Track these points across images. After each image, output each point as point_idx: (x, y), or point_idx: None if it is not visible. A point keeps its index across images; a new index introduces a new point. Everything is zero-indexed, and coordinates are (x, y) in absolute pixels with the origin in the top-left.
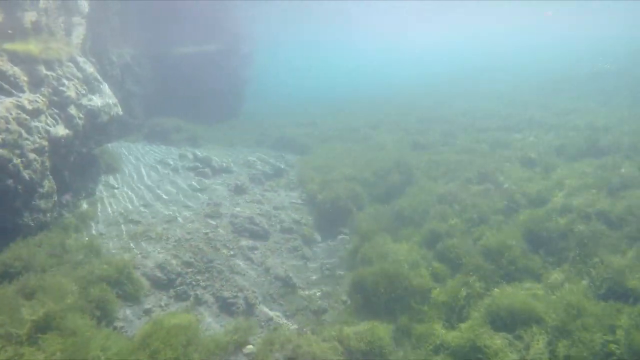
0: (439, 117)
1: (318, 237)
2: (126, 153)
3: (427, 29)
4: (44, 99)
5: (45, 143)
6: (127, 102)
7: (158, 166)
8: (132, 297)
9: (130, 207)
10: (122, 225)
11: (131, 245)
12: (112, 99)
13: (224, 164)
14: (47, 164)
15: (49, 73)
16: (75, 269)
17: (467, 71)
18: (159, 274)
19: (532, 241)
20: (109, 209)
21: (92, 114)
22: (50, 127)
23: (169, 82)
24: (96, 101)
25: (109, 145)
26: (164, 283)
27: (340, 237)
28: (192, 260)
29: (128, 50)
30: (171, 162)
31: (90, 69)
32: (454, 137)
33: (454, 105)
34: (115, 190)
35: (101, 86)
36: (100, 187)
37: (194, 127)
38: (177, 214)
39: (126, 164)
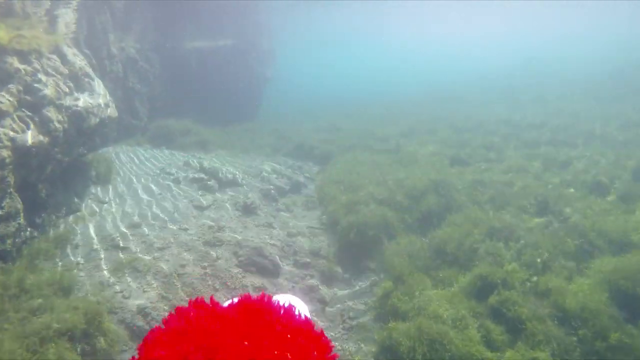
0: (478, 126)
1: (339, 273)
2: (123, 160)
3: (460, 28)
4: (11, 99)
5: (6, 154)
6: (129, 101)
7: (158, 176)
8: (103, 354)
9: (118, 227)
10: (105, 252)
11: (112, 280)
12: (104, 99)
13: (234, 176)
14: (10, 179)
15: (21, 67)
16: (28, 321)
17: (502, 73)
18: (140, 322)
19: (623, 303)
20: (92, 230)
21: (77, 117)
22: (17, 133)
23: (178, 79)
24: (84, 101)
25: (106, 150)
26: (146, 334)
27: (366, 274)
28: (184, 303)
29: (133, 43)
30: (174, 172)
31: (80, 62)
32: (499, 152)
33: (492, 112)
34: (104, 206)
35: (92, 83)
36: (87, 201)
37: (205, 130)
38: (172, 239)
39: (121, 173)
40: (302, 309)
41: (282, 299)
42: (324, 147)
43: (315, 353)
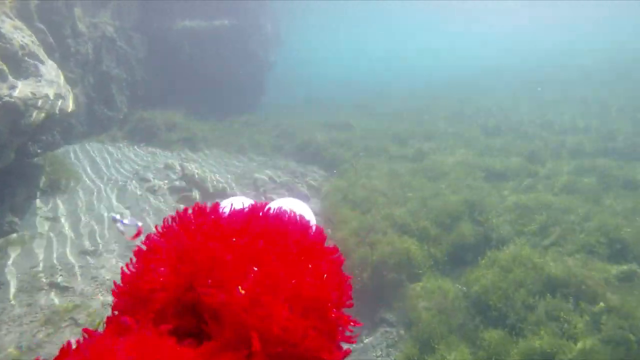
0: (511, 128)
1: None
2: (89, 161)
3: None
4: None
5: None
6: (103, 88)
7: (130, 183)
8: None
9: (64, 257)
10: (38, 294)
11: (39, 336)
12: (57, 88)
13: (222, 185)
14: None
15: None
16: None
17: (529, 66)
18: None
19: None
20: (26, 261)
21: (11, 111)
22: None
23: (167, 63)
24: (22, 90)
25: (68, 148)
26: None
27: (382, 329)
28: None
29: (109, 19)
30: (150, 178)
31: (23, 39)
32: (541, 163)
33: (522, 111)
34: (49, 225)
35: (40, 67)
36: (27, 219)
37: (195, 123)
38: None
39: (83, 179)
40: (307, 213)
41: (285, 203)
42: (332, 149)
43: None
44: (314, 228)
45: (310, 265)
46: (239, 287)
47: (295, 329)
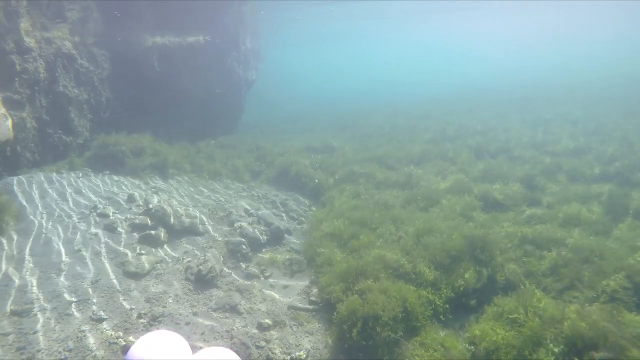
0: (501, 149)
1: None
2: (37, 194)
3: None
4: None
5: None
6: (59, 111)
7: (85, 219)
8: None
9: None
10: None
11: None
12: None
13: (192, 220)
14: None
15: None
16: None
17: (515, 81)
18: None
19: None
20: None
21: None
22: None
23: (135, 83)
24: None
25: (13, 180)
26: None
27: None
28: None
29: (67, 34)
30: (109, 213)
31: None
32: (541, 189)
33: (512, 131)
34: None
35: None
36: None
37: (167, 148)
38: (70, 344)
39: (26, 215)
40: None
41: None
42: (315, 174)
43: None
44: None
45: None
46: None
47: None
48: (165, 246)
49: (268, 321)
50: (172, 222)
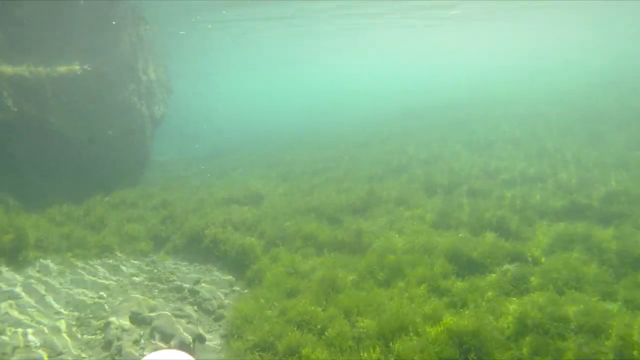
0: (455, 182)
1: None
2: None
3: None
4: None
5: None
6: None
7: None
8: None
9: None
10: None
11: None
12: None
13: (40, 343)
14: None
15: None
16: None
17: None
18: None
19: None
20: None
21: None
22: None
23: None
24: None
25: None
26: None
27: None
28: None
29: None
30: None
31: None
32: (517, 236)
33: (455, 153)
34: None
35: None
36: None
37: (26, 218)
38: None
39: None
40: None
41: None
42: (237, 238)
43: None
44: None
45: None
46: None
47: None
48: None
49: None
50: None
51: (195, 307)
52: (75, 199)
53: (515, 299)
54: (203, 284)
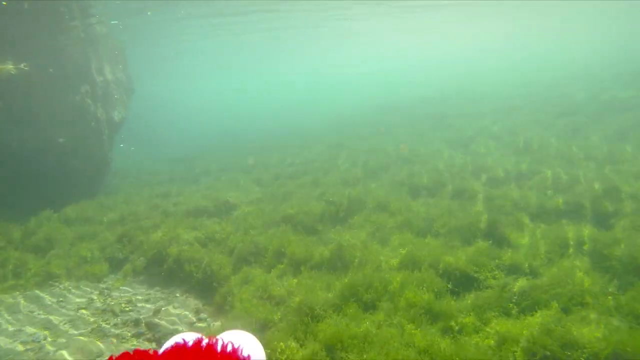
0: (438, 182)
1: None
2: None
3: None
4: None
5: None
6: None
7: None
8: None
9: None
10: None
11: None
12: None
13: None
14: None
15: None
16: None
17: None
18: None
19: None
20: None
21: None
22: None
23: None
24: None
25: None
26: None
27: None
28: None
29: None
30: None
31: None
32: (509, 243)
33: (435, 151)
34: None
35: None
36: None
37: None
38: None
39: None
40: (252, 347)
41: (229, 337)
42: (204, 255)
43: None
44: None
45: None
46: None
47: None
48: None
49: None
50: None
51: (155, 345)
52: (21, 217)
53: (518, 321)
54: (163, 315)
